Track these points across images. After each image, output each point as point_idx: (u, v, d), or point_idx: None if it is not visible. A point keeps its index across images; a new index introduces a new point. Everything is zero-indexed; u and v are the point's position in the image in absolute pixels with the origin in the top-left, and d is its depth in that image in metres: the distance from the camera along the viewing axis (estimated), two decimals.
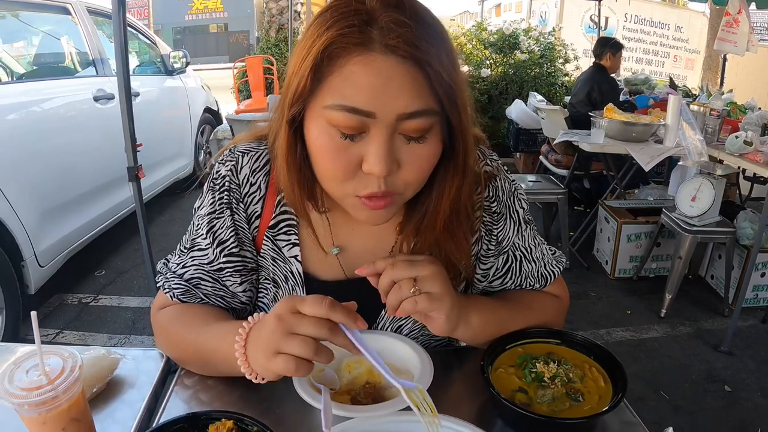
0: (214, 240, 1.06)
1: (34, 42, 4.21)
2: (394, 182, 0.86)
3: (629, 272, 4.29)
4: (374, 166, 0.82)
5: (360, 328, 0.81)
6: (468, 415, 0.87)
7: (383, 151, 0.82)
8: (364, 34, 0.79)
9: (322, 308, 0.79)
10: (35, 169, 3.43)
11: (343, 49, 0.79)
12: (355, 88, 0.80)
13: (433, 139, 0.86)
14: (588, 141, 4.18)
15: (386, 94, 0.79)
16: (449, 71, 0.81)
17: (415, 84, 0.80)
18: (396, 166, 0.85)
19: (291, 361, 0.79)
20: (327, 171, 0.87)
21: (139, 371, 1.08)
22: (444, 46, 0.83)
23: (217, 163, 1.08)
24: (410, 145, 0.85)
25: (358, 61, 0.79)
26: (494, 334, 1.05)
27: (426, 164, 0.88)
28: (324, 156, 0.86)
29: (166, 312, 1.09)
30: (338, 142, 0.83)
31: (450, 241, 1.00)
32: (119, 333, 3.47)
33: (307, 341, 0.79)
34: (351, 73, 0.80)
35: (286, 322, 0.80)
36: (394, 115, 0.80)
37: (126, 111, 2.75)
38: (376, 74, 0.79)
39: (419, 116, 0.82)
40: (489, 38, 8.20)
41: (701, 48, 10.24)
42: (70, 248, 3.75)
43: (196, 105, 6.32)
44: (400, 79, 0.79)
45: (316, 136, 0.85)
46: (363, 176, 0.85)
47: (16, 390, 0.78)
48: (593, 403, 0.92)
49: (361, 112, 0.80)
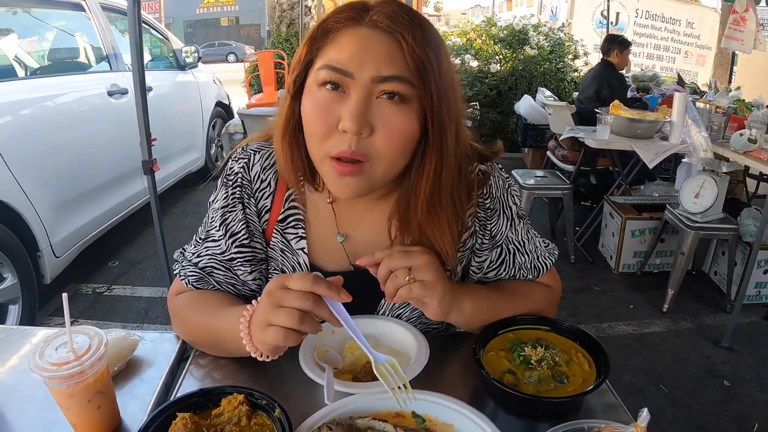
0: (227, 232, 1.15)
1: (49, 38, 4.30)
2: (366, 146, 0.95)
3: (633, 267, 4.34)
4: (347, 121, 0.92)
5: (343, 300, 0.89)
6: (461, 394, 0.93)
7: (356, 109, 0.92)
8: (357, 14, 0.94)
9: (306, 282, 0.88)
10: (51, 162, 3.52)
11: (337, 23, 0.95)
12: (339, 52, 0.94)
13: (407, 111, 0.95)
14: (593, 137, 4.22)
15: (364, 58, 0.93)
16: (423, 50, 0.93)
17: (391, 54, 0.93)
18: (369, 129, 0.94)
19: (280, 332, 0.88)
20: (310, 129, 0.98)
21: (157, 352, 1.16)
22: (423, 31, 0.95)
23: (231, 160, 1.17)
24: (386, 110, 0.94)
25: (347, 33, 0.95)
26: (487, 319, 1.12)
27: (398, 133, 0.95)
28: (310, 115, 0.97)
29: (182, 297, 1.18)
30: (322, 101, 0.95)
31: (433, 226, 1.05)
32: (132, 322, 3.56)
33: (292, 312, 0.87)
34: (340, 41, 0.95)
35: (274, 296, 0.89)
36: (369, 77, 0.92)
37: (141, 106, 2.81)
38: (358, 42, 0.93)
39: (392, 80, 0.93)
40: (499, 34, 8.22)
41: (712, 44, 10.18)
42: (85, 239, 3.85)
43: (208, 99, 6.40)
44: (377, 46, 0.93)
45: (306, 99, 0.98)
46: (338, 135, 0.95)
47: (46, 364, 0.86)
48: (577, 385, 0.99)
49: (341, 71, 0.93)
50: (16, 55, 3.71)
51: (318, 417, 0.88)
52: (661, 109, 4.70)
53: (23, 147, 3.28)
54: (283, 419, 0.84)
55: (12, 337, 1.23)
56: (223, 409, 0.88)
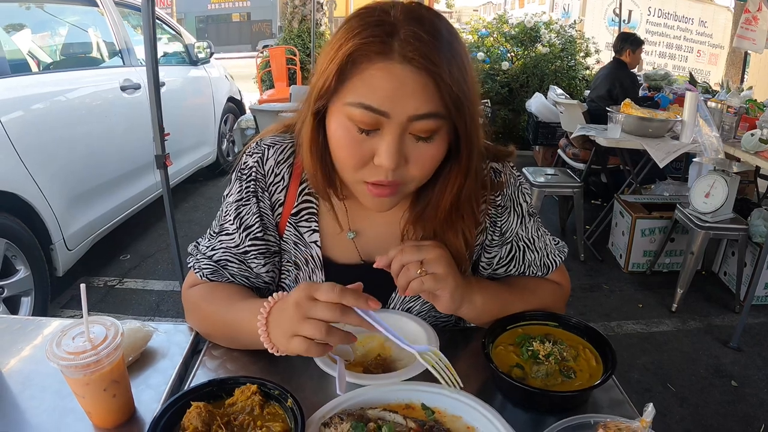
0: (241, 225, 1.17)
1: (62, 33, 4.32)
2: (400, 175, 0.97)
3: (643, 266, 4.33)
4: (385, 160, 0.93)
5: (373, 309, 0.90)
6: (470, 387, 0.96)
7: (393, 147, 0.92)
8: (385, 44, 0.90)
9: (333, 294, 0.89)
10: (64, 156, 3.55)
11: (365, 56, 0.90)
12: (373, 90, 0.90)
13: (439, 140, 0.96)
14: (604, 136, 4.21)
15: (400, 97, 0.90)
16: (458, 83, 0.92)
17: (426, 91, 0.91)
18: (404, 162, 0.95)
19: (305, 343, 0.90)
20: (342, 160, 0.98)
21: (171, 343, 1.18)
22: (456, 59, 0.92)
23: (245, 154, 1.19)
24: (418, 144, 0.95)
25: (378, 68, 0.90)
26: (496, 314, 1.14)
27: (430, 162, 0.98)
28: (341, 147, 0.97)
29: (196, 290, 1.20)
30: (354, 135, 0.94)
31: (449, 232, 1.10)
32: (144, 315, 3.59)
33: (319, 325, 0.88)
34: (371, 76, 0.90)
35: (302, 307, 0.90)
36: (406, 116, 0.91)
37: (154, 101, 2.83)
38: (393, 79, 0.90)
39: (428, 118, 0.92)
40: (510, 31, 8.20)
41: (725, 43, 10.11)
42: (97, 233, 3.89)
43: (220, 94, 6.43)
44: (413, 85, 0.90)
45: (336, 128, 0.96)
46: (373, 167, 0.96)
47: (63, 353, 0.88)
48: (584, 380, 1.00)
49: (377, 110, 0.90)
50: (30, 50, 3.74)
51: (329, 407, 0.90)
52: (673, 108, 4.68)
53: (37, 141, 3.31)
54: (296, 409, 0.85)
55: (27, 328, 1.25)
56: (236, 399, 0.90)
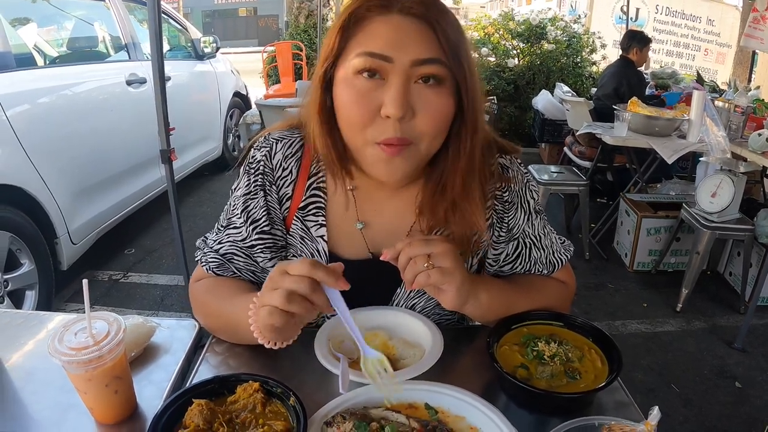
0: (248, 219, 1.17)
1: (68, 27, 4.34)
2: (409, 129, 0.97)
3: (648, 266, 4.31)
4: (391, 108, 0.93)
5: (340, 288, 0.90)
6: (474, 387, 0.95)
7: (399, 94, 0.93)
8: (386, 1, 0.95)
9: (304, 267, 0.89)
10: (69, 150, 3.56)
11: (367, 11, 0.96)
12: (375, 38, 0.95)
13: (444, 91, 0.98)
14: (611, 134, 4.20)
15: (402, 43, 0.94)
16: (455, 33, 0.97)
17: (426, 37, 0.95)
18: (411, 113, 0.96)
19: (268, 310, 0.90)
20: (350, 118, 0.99)
21: (173, 339, 1.18)
22: (450, 17, 0.98)
23: (253, 148, 1.19)
24: (424, 93, 0.96)
25: (380, 20, 0.96)
26: (502, 312, 1.13)
27: (438, 113, 0.98)
28: (348, 103, 0.98)
29: (201, 284, 1.20)
30: (360, 88, 0.96)
31: (467, 200, 1.08)
32: (148, 309, 3.59)
33: (281, 292, 0.88)
34: (373, 29, 0.96)
35: (273, 280, 0.91)
36: (409, 61, 0.94)
37: (160, 95, 2.82)
38: (394, 28, 0.95)
39: (430, 63, 0.95)
40: (516, 28, 8.18)
41: (733, 42, 10.04)
42: (102, 227, 3.89)
43: (226, 89, 6.43)
44: (414, 33, 0.95)
45: (342, 88, 0.98)
46: (381, 122, 0.96)
47: (65, 349, 0.88)
48: (589, 381, 0.99)
49: (380, 56, 0.94)
50: (36, 44, 3.74)
51: (332, 406, 0.90)
52: (680, 107, 4.65)
53: (42, 135, 3.31)
54: (298, 407, 0.85)
55: (30, 322, 1.25)
56: (238, 397, 0.89)
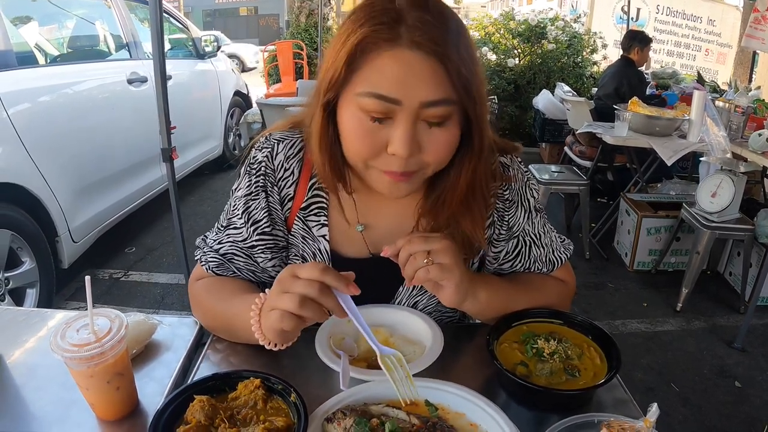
0: (249, 219, 1.17)
1: (69, 26, 4.33)
2: (415, 163, 0.97)
3: (648, 265, 4.32)
4: (398, 148, 0.93)
5: (351, 293, 0.90)
6: (474, 384, 0.95)
7: (407, 135, 0.92)
8: (393, 31, 0.89)
9: (314, 272, 0.89)
10: (70, 148, 3.56)
11: (374, 44, 0.90)
12: (384, 78, 0.91)
13: (451, 125, 0.96)
14: (611, 133, 4.20)
15: (411, 84, 0.90)
16: (467, 65, 0.92)
17: (436, 76, 0.90)
18: (418, 149, 0.95)
19: (279, 314, 0.89)
20: (355, 151, 0.98)
21: (175, 336, 1.19)
22: (462, 42, 0.93)
23: (254, 149, 1.19)
24: (431, 131, 0.95)
25: (388, 55, 0.90)
26: (501, 310, 1.14)
27: (444, 148, 0.97)
28: (354, 138, 0.96)
29: (202, 283, 1.20)
30: (367, 125, 0.94)
31: (467, 216, 1.09)
32: (148, 308, 3.60)
33: (293, 297, 0.88)
34: (381, 65, 0.90)
35: (282, 283, 0.90)
36: (417, 103, 0.91)
37: (161, 94, 2.82)
38: (403, 66, 0.90)
39: (439, 104, 0.92)
40: (517, 28, 8.17)
41: (733, 42, 10.04)
42: (102, 225, 3.90)
43: (227, 88, 6.43)
44: (423, 71, 0.90)
45: (347, 120, 0.96)
46: (387, 156, 0.96)
47: (67, 345, 0.88)
48: (588, 378, 1.00)
49: (389, 99, 0.90)
50: (37, 43, 3.74)
51: (333, 403, 0.90)
52: (680, 107, 4.66)
53: (43, 133, 3.32)
54: (299, 404, 0.85)
55: (32, 319, 1.26)
56: (239, 393, 0.90)
